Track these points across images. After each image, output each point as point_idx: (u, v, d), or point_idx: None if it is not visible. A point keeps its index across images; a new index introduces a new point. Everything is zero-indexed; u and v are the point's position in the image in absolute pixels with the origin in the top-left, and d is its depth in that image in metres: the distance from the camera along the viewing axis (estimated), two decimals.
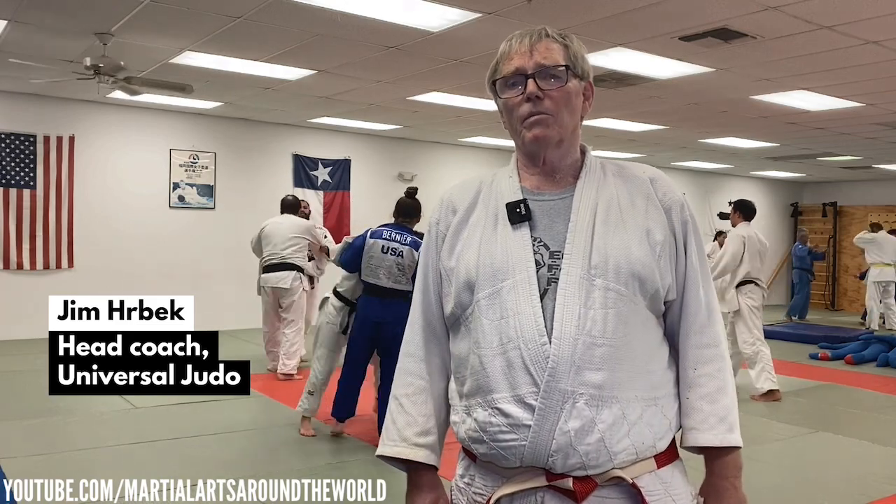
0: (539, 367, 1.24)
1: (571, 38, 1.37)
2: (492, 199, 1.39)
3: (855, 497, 3.88)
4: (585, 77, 1.37)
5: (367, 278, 4.40)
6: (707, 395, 1.33)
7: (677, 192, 1.39)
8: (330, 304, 4.74)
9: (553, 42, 1.34)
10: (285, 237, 6.59)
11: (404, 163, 11.30)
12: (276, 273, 6.58)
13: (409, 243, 4.34)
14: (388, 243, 4.35)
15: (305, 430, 4.73)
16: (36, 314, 8.45)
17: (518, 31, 1.36)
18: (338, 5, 4.90)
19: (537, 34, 1.34)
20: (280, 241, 6.57)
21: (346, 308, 4.67)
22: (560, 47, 1.34)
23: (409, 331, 1.47)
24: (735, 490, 1.34)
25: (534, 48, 1.33)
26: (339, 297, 4.71)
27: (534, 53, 1.32)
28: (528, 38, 1.34)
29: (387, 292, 4.34)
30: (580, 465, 1.23)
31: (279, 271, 6.58)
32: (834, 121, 8.66)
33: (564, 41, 1.35)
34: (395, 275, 4.32)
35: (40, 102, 8.48)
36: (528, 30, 1.35)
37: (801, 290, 12.82)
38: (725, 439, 1.32)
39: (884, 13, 4.79)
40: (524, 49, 1.33)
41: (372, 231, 4.46)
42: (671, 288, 1.33)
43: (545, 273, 1.29)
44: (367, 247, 4.38)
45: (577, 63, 1.35)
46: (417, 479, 1.42)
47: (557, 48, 1.34)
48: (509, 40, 1.37)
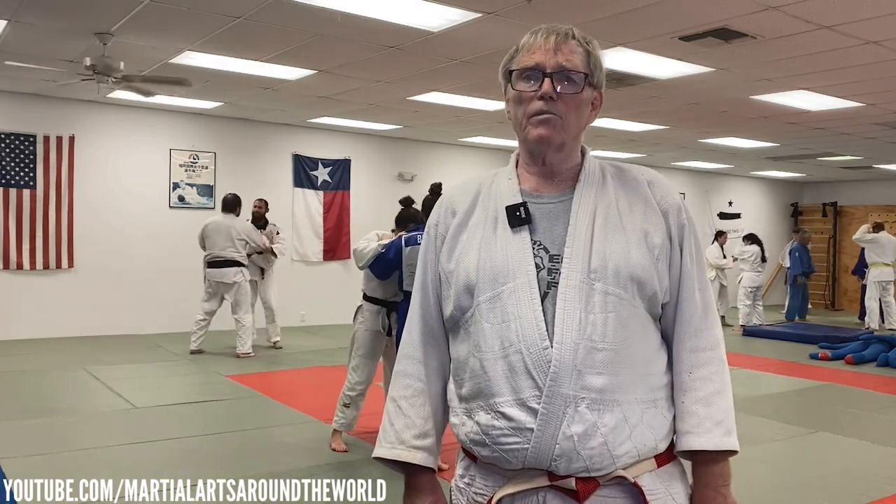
0: (541, 371, 1.24)
1: (595, 44, 1.36)
2: (491, 201, 1.38)
3: (855, 497, 3.88)
4: (599, 87, 1.37)
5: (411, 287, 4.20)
6: (702, 399, 1.32)
7: (675, 194, 1.39)
8: (364, 309, 4.48)
9: (578, 46, 1.33)
10: (224, 239, 7.44)
11: (404, 163, 11.30)
12: (219, 269, 7.47)
13: None
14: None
15: (337, 444, 4.42)
16: (36, 314, 8.49)
17: (544, 26, 1.34)
18: (338, 5, 4.90)
19: (564, 34, 1.33)
20: (220, 242, 7.44)
21: (384, 309, 4.42)
22: (583, 52, 1.33)
23: (406, 333, 1.47)
24: (724, 498, 1.32)
25: (558, 48, 1.31)
26: (373, 301, 4.48)
27: (557, 53, 1.31)
28: (554, 35, 1.32)
29: None
30: (584, 469, 1.24)
31: (221, 267, 7.47)
32: (834, 121, 8.67)
33: (588, 46, 1.34)
34: None
35: (40, 102, 8.48)
36: (555, 26, 1.34)
37: (797, 293, 12.78)
38: (722, 443, 1.30)
39: (884, 13, 4.79)
40: (549, 46, 1.31)
41: (405, 238, 4.21)
42: (667, 290, 1.34)
43: (545, 276, 1.29)
44: (406, 255, 4.13)
45: (595, 72, 1.35)
46: (415, 481, 1.42)
47: (581, 53, 1.33)
48: (534, 33, 1.34)
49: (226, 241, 7.44)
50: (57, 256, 8.63)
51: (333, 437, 4.48)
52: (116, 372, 6.60)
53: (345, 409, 4.42)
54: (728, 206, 15.19)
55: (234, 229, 7.50)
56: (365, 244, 4.37)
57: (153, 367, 6.98)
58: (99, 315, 8.77)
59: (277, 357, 7.76)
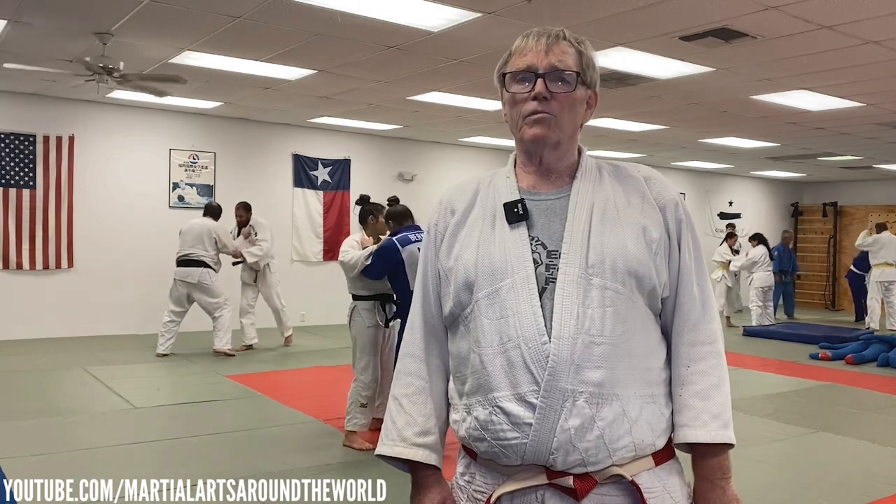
0: (540, 365, 1.25)
1: (587, 44, 1.38)
2: (489, 199, 1.40)
3: (855, 497, 3.87)
4: (592, 86, 1.39)
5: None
6: (700, 392, 1.33)
7: (672, 190, 1.40)
8: (360, 308, 4.56)
9: (569, 46, 1.35)
10: (193, 239, 7.45)
11: (404, 163, 11.30)
12: (184, 268, 7.47)
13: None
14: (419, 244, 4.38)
15: (360, 444, 4.44)
16: (36, 314, 8.48)
17: (535, 29, 1.37)
18: (338, 5, 4.90)
19: (555, 35, 1.35)
20: (189, 241, 7.46)
21: (377, 302, 4.55)
22: (575, 52, 1.36)
23: (408, 331, 1.48)
24: (723, 492, 1.33)
25: (550, 49, 1.34)
26: (366, 298, 4.57)
27: (549, 54, 1.33)
28: (545, 37, 1.35)
29: None
30: (580, 462, 1.24)
31: (185, 266, 7.46)
32: (834, 121, 8.66)
33: (580, 47, 1.37)
34: None
35: (40, 102, 8.48)
36: (546, 29, 1.36)
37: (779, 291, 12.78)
38: (718, 436, 1.31)
39: (884, 13, 4.79)
40: (540, 48, 1.34)
41: (398, 238, 4.34)
42: (666, 285, 1.34)
43: (543, 272, 1.30)
44: (407, 256, 4.23)
45: (588, 72, 1.37)
46: (421, 479, 1.42)
47: (572, 53, 1.35)
48: (526, 36, 1.37)
49: (195, 241, 7.44)
50: (56, 256, 8.63)
51: (352, 438, 4.48)
52: (116, 372, 6.60)
53: (362, 409, 4.48)
54: (728, 206, 15.19)
55: (205, 228, 7.52)
56: (351, 255, 4.52)
57: (153, 367, 6.98)
58: (99, 315, 8.78)
59: (277, 357, 7.76)
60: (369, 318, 4.53)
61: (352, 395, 4.50)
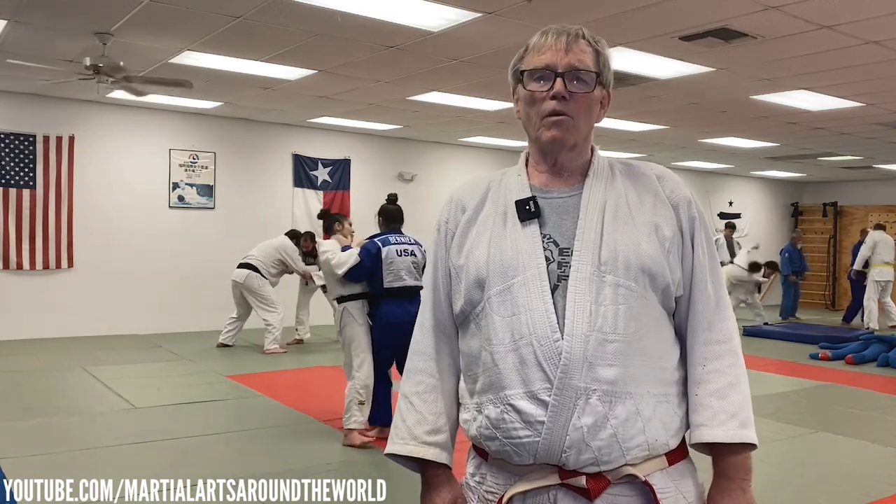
0: (552, 363, 1.24)
1: (603, 43, 1.37)
2: (501, 196, 1.39)
3: (855, 497, 3.87)
4: (607, 86, 1.39)
5: (393, 283, 4.55)
6: (717, 392, 1.31)
7: (685, 189, 1.39)
8: (347, 310, 4.63)
9: (588, 45, 1.34)
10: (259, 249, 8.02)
11: (404, 163, 11.30)
12: (237, 270, 7.98)
13: (415, 243, 4.72)
14: (399, 246, 4.62)
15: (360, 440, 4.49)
16: (36, 314, 8.48)
17: (554, 26, 1.35)
18: (338, 5, 4.90)
19: (574, 34, 1.34)
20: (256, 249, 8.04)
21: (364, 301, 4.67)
22: (592, 52, 1.35)
23: (418, 330, 1.47)
24: (743, 492, 1.30)
25: (569, 48, 1.32)
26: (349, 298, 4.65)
27: (568, 53, 1.32)
28: (564, 36, 1.33)
29: (413, 291, 4.51)
30: (593, 461, 1.23)
31: (238, 269, 7.98)
32: (834, 121, 8.67)
33: (597, 46, 1.36)
34: (414, 273, 4.59)
35: (40, 102, 8.48)
36: (565, 27, 1.35)
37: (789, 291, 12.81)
38: (737, 435, 1.29)
39: (884, 13, 4.79)
40: (560, 46, 1.32)
41: (379, 239, 4.63)
42: (680, 283, 1.33)
43: (555, 269, 1.29)
44: (385, 255, 4.54)
45: (604, 72, 1.36)
46: (432, 478, 1.41)
47: (590, 52, 1.34)
48: (545, 33, 1.35)
49: (260, 251, 8.02)
50: (57, 256, 8.63)
51: (352, 436, 4.50)
52: (116, 372, 6.60)
53: (361, 407, 4.54)
54: (728, 206, 15.19)
55: (277, 243, 8.08)
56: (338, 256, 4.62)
57: (153, 367, 6.97)
58: (99, 315, 8.77)
59: (278, 357, 7.77)
60: (360, 317, 4.63)
61: (349, 394, 4.55)
